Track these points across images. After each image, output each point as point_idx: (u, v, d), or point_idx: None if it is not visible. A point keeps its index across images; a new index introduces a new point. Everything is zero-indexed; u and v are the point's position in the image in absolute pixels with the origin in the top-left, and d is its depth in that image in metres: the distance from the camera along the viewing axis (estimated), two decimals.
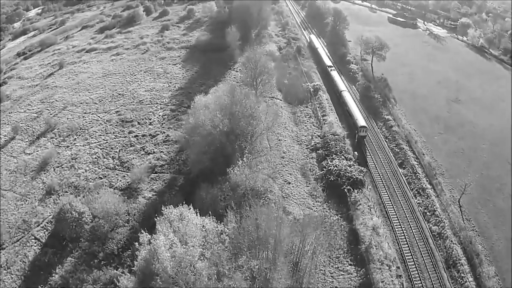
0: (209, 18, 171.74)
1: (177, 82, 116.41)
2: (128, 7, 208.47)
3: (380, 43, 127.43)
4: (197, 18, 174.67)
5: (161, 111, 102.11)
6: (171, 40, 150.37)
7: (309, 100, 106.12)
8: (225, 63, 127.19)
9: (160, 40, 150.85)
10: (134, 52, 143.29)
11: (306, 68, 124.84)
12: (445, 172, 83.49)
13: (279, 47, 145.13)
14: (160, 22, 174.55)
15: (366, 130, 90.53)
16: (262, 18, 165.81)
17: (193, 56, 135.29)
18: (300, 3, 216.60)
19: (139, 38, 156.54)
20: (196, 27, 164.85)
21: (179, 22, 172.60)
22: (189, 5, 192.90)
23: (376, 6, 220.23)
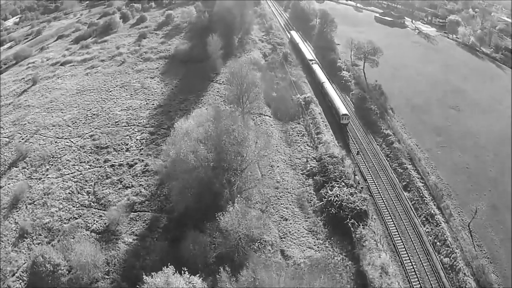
0: (188, 23, 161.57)
1: (155, 99, 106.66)
2: (105, 14, 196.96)
3: (373, 48, 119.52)
4: (176, 24, 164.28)
5: (139, 134, 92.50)
6: (149, 50, 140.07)
7: (301, 115, 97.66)
8: (207, 74, 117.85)
9: (137, 50, 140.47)
10: (110, 64, 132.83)
11: (294, 77, 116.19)
12: (452, 192, 77.52)
13: (264, 54, 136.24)
14: (138, 30, 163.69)
15: (348, 117, 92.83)
16: (244, 22, 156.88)
17: (172, 67, 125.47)
18: (283, 3, 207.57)
19: (115, 48, 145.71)
20: (175, 34, 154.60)
21: (157, 29, 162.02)
22: (168, 9, 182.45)
23: (361, 5, 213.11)
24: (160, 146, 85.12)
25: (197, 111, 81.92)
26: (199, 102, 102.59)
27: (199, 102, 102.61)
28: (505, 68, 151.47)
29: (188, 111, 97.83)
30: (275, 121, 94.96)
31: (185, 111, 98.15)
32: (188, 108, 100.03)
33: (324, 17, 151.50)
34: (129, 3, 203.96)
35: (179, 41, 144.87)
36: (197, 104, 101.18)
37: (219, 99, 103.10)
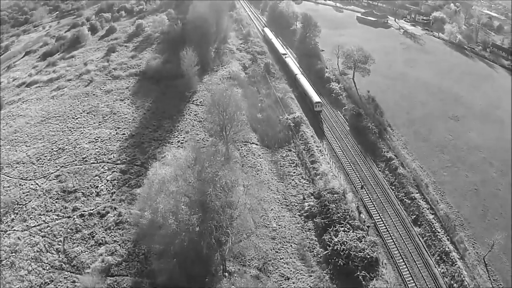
0: (160, 33, 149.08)
1: (126, 127, 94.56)
2: (74, 25, 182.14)
3: (364, 56, 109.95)
4: (147, 35, 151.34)
5: (109, 173, 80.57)
6: (118, 66, 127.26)
7: (291, 139, 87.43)
8: (182, 94, 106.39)
9: (105, 67, 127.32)
10: (77, 84, 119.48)
11: (280, 92, 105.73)
12: (464, 221, 71.83)
13: (243, 65, 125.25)
14: (107, 42, 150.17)
15: (321, 105, 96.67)
16: (221, 30, 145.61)
17: (144, 86, 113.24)
18: (259, 6, 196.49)
19: (83, 65, 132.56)
20: (146, 46, 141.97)
21: (127, 41, 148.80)
22: (138, 18, 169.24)
23: (341, 5, 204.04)
24: (133, 189, 73.78)
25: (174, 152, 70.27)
26: (175, 129, 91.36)
27: (175, 129, 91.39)
28: (496, 67, 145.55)
29: (164, 141, 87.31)
30: (263, 149, 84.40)
31: (160, 142, 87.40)
32: (163, 137, 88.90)
33: (306, 21, 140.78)
34: (99, 12, 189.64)
35: (151, 54, 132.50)
36: (173, 133, 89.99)
37: (197, 125, 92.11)
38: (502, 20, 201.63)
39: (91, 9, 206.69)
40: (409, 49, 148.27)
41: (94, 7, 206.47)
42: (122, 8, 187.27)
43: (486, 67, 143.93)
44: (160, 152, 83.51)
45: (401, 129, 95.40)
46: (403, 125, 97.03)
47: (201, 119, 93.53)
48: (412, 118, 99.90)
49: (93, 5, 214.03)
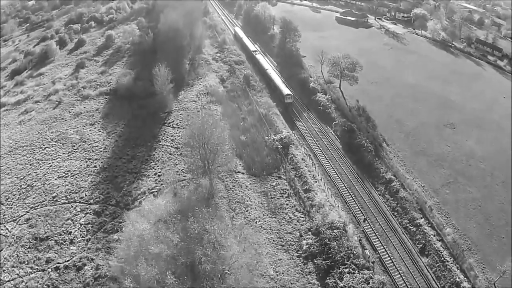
0: (131, 44, 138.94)
1: (98, 157, 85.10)
2: (44, 38, 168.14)
3: (351, 63, 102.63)
4: (117, 47, 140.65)
5: (83, 215, 71.39)
6: (88, 83, 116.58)
7: (280, 164, 79.34)
8: (156, 115, 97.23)
9: (74, 85, 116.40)
10: (45, 107, 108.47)
11: (263, 108, 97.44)
12: (472, 244, 66.73)
13: (221, 78, 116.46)
14: (76, 57, 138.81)
15: (291, 97, 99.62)
16: (194, 38, 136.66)
17: (115, 107, 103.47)
18: (233, 10, 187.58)
19: (51, 84, 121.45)
20: (117, 59, 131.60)
21: (97, 54, 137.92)
22: (108, 29, 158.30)
23: (317, 5, 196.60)
24: (110, 234, 65.14)
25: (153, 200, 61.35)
26: (150, 159, 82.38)
27: (151, 158, 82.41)
28: (482, 64, 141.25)
29: (139, 174, 78.42)
30: (250, 179, 75.93)
31: (135, 175, 78.60)
32: (138, 169, 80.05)
33: (285, 25, 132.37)
34: (68, 23, 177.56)
35: (121, 69, 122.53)
36: (149, 163, 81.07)
37: (175, 152, 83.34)
38: (481, 13, 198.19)
39: (61, 20, 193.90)
40: (393, 50, 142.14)
41: (64, 18, 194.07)
42: (91, 18, 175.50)
43: (474, 65, 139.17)
44: (136, 188, 75.05)
45: (397, 143, 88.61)
46: (399, 138, 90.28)
47: (179, 145, 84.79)
48: (406, 130, 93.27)
49: (63, 15, 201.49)
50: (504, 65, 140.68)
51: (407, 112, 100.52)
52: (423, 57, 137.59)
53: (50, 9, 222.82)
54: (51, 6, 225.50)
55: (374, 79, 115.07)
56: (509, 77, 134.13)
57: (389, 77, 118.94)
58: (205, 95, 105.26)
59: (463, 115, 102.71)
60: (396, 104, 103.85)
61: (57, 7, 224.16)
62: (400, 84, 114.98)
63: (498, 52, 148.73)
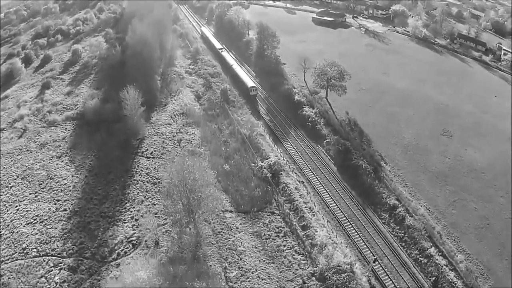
0: (99, 59, 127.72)
1: (67, 198, 74.64)
2: (10, 55, 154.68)
3: (339, 71, 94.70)
4: (84, 62, 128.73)
5: (57, 271, 61.39)
6: (53, 107, 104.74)
7: (272, 196, 70.67)
8: (128, 143, 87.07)
9: (39, 109, 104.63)
10: (10, 136, 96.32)
11: (246, 128, 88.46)
12: (484, 269, 62.39)
13: (196, 94, 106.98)
14: (41, 75, 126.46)
15: (255, 89, 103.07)
16: (165, 49, 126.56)
17: (83, 135, 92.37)
18: (204, 15, 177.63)
19: (17, 108, 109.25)
20: (84, 77, 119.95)
21: (63, 71, 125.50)
22: (75, 42, 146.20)
23: (291, 5, 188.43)
24: None
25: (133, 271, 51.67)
26: (125, 198, 72.48)
27: (126, 198, 72.51)
28: (468, 61, 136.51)
29: (114, 219, 68.56)
30: (240, 217, 66.77)
31: (109, 219, 68.65)
32: (113, 212, 70.02)
33: (262, 31, 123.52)
34: (35, 38, 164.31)
35: (88, 89, 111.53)
36: (124, 204, 71.20)
37: (152, 189, 73.77)
38: (458, 5, 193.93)
39: (28, 34, 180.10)
40: (376, 51, 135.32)
41: (32, 31, 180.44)
42: (58, 31, 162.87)
43: (459, 62, 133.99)
44: (112, 236, 65.38)
45: (395, 160, 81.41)
46: (396, 154, 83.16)
47: (155, 180, 75.36)
48: (403, 143, 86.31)
49: (30, 28, 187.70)
50: (490, 61, 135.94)
51: (400, 122, 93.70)
52: (408, 57, 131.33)
53: (18, 23, 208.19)
54: (19, 20, 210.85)
55: (361, 85, 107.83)
56: (496, 73, 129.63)
57: (376, 82, 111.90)
58: (181, 115, 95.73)
59: (457, 120, 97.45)
60: (388, 113, 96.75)
61: (25, 20, 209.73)
62: (388, 89, 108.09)
63: (482, 46, 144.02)
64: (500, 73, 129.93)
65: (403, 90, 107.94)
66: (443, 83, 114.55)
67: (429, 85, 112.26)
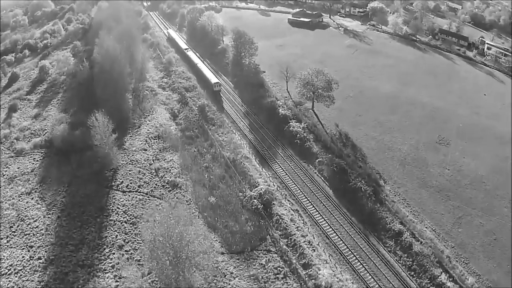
0: (67, 75, 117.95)
1: (40, 243, 65.90)
2: None
3: (326, 80, 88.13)
4: (52, 79, 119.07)
5: None
6: (21, 133, 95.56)
7: (266, 231, 63.67)
8: (100, 174, 78.68)
9: (7, 136, 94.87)
10: None
11: (229, 151, 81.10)
12: None
13: (172, 112, 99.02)
14: (9, 96, 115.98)
15: (219, 85, 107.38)
16: (136, 62, 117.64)
17: (52, 166, 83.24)
18: (175, 21, 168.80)
19: None
20: (52, 96, 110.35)
21: (31, 91, 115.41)
22: (42, 57, 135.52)
23: (265, 7, 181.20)
24: None
25: None
26: (103, 243, 64.31)
27: (104, 243, 64.33)
28: (452, 57, 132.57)
29: (93, 269, 60.54)
30: (233, 260, 59.37)
31: (88, 269, 60.65)
32: (91, 260, 61.81)
33: (239, 37, 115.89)
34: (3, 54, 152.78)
35: (57, 110, 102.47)
36: (101, 250, 63.05)
37: (131, 231, 65.85)
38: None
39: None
40: (358, 52, 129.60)
41: None
42: (25, 45, 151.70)
43: (444, 60, 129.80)
44: None
45: (394, 177, 75.61)
46: (394, 170, 77.41)
47: (134, 219, 67.50)
48: (400, 157, 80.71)
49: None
50: (474, 56, 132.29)
51: (393, 131, 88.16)
52: (392, 57, 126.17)
53: None
54: None
55: (347, 92, 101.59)
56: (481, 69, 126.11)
57: (363, 87, 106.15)
58: (156, 139, 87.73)
59: (451, 124, 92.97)
60: (379, 122, 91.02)
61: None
62: (376, 95, 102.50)
63: (464, 41, 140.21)
64: (486, 68, 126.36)
65: (391, 95, 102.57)
66: (431, 85, 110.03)
67: (417, 88, 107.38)
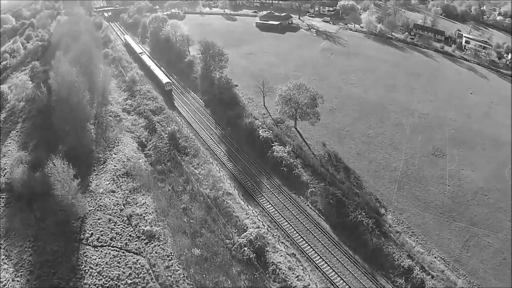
0: (25, 101, 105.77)
1: None
2: None
3: (311, 97, 79.91)
4: (11, 106, 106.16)
5: None
6: None
7: (263, 284, 55.22)
8: (67, 225, 67.92)
9: None
10: None
11: (208, 187, 71.68)
12: None
13: (139, 141, 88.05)
14: None
15: (170, 84, 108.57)
16: (97, 83, 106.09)
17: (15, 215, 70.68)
18: (137, 32, 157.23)
19: None
20: (11, 127, 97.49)
21: None
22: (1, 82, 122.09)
23: (230, 10, 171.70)
24: None
25: None
26: None
27: None
28: (431, 54, 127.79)
29: None
30: None
31: None
32: None
33: (207, 49, 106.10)
34: None
35: (16, 146, 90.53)
36: None
37: None
38: None
39: None
40: (335, 56, 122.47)
41: None
42: None
43: (424, 58, 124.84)
44: None
45: (394, 201, 68.69)
46: (393, 193, 70.60)
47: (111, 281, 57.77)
48: (396, 177, 74.15)
49: None
50: (453, 51, 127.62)
51: (385, 147, 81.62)
52: (371, 59, 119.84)
53: None
54: None
55: (329, 103, 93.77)
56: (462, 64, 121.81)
57: (346, 97, 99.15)
58: (125, 176, 77.58)
59: (443, 131, 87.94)
60: (369, 137, 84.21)
61: None
62: (361, 104, 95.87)
63: (441, 35, 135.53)
64: (466, 63, 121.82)
65: (377, 103, 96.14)
66: (417, 88, 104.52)
67: (402, 92, 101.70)
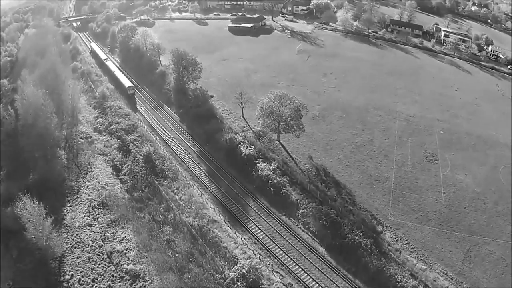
0: None
1: None
2: None
3: (295, 108, 74.91)
4: None
5: None
6: None
7: None
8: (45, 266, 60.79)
9: None
10: None
11: (191, 215, 65.62)
12: None
13: (113, 165, 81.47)
14: None
15: (132, 88, 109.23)
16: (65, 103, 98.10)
17: None
18: (106, 42, 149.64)
19: None
20: None
21: None
22: None
23: (201, 15, 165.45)
24: None
25: None
26: None
27: None
28: (411, 51, 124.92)
29: None
30: None
31: None
32: None
33: (180, 59, 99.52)
34: None
35: None
36: None
37: None
38: None
39: None
40: (313, 59, 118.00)
41: None
42: None
43: (404, 55, 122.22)
44: None
45: (390, 216, 64.93)
46: (388, 206, 66.75)
47: None
48: (390, 188, 70.49)
49: None
50: (433, 46, 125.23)
51: (375, 155, 77.88)
52: (350, 60, 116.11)
53: None
54: None
55: (311, 110, 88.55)
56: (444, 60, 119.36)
57: (328, 102, 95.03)
58: (101, 207, 71.24)
59: (432, 133, 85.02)
60: (356, 146, 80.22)
61: None
62: (345, 109, 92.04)
63: (419, 30, 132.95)
64: (447, 58, 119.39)
65: (361, 107, 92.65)
66: (399, 88, 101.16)
67: (385, 93, 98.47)
